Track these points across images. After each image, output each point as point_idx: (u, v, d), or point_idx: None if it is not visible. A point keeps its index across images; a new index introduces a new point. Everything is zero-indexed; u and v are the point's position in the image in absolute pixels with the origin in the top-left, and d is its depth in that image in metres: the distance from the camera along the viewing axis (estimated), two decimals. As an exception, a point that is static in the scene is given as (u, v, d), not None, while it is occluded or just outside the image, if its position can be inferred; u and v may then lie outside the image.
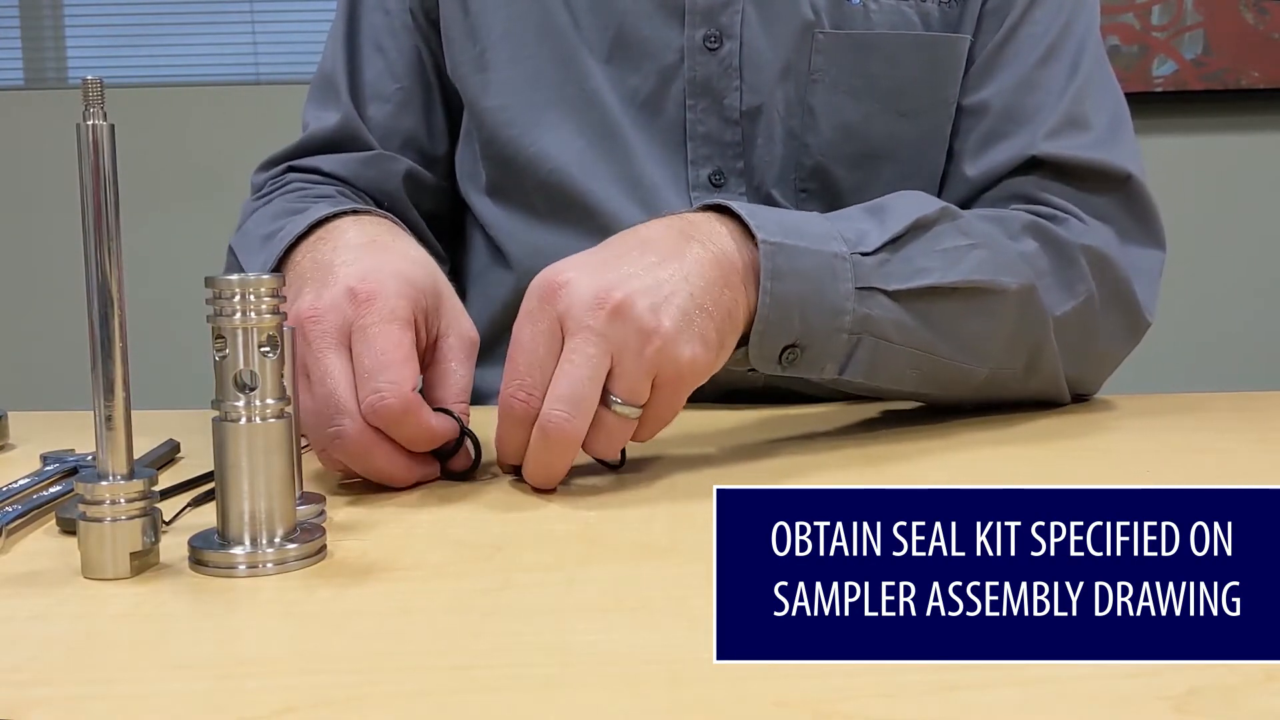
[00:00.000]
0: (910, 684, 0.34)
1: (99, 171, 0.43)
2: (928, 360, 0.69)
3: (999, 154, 0.80)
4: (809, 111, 0.80)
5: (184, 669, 0.36)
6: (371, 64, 0.88)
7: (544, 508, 0.55)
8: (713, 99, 0.80)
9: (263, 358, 0.45)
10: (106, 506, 0.44)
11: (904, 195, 0.73)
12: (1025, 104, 0.80)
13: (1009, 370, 0.73)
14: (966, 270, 0.69)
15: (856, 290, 0.65)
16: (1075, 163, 0.79)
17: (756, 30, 0.79)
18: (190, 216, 2.17)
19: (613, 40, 0.81)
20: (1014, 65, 0.81)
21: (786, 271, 0.63)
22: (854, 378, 0.67)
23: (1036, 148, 0.79)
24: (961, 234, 0.70)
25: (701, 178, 0.80)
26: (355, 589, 0.43)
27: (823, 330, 0.64)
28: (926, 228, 0.69)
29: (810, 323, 0.64)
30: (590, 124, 0.81)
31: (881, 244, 0.67)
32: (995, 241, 0.72)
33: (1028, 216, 0.76)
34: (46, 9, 2.27)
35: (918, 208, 0.70)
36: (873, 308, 0.65)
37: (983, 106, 0.81)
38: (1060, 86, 0.81)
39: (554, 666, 0.36)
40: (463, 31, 0.84)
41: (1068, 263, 0.74)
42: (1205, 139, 2.14)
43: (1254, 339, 2.15)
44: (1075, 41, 0.82)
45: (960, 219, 0.71)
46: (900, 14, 0.80)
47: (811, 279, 0.63)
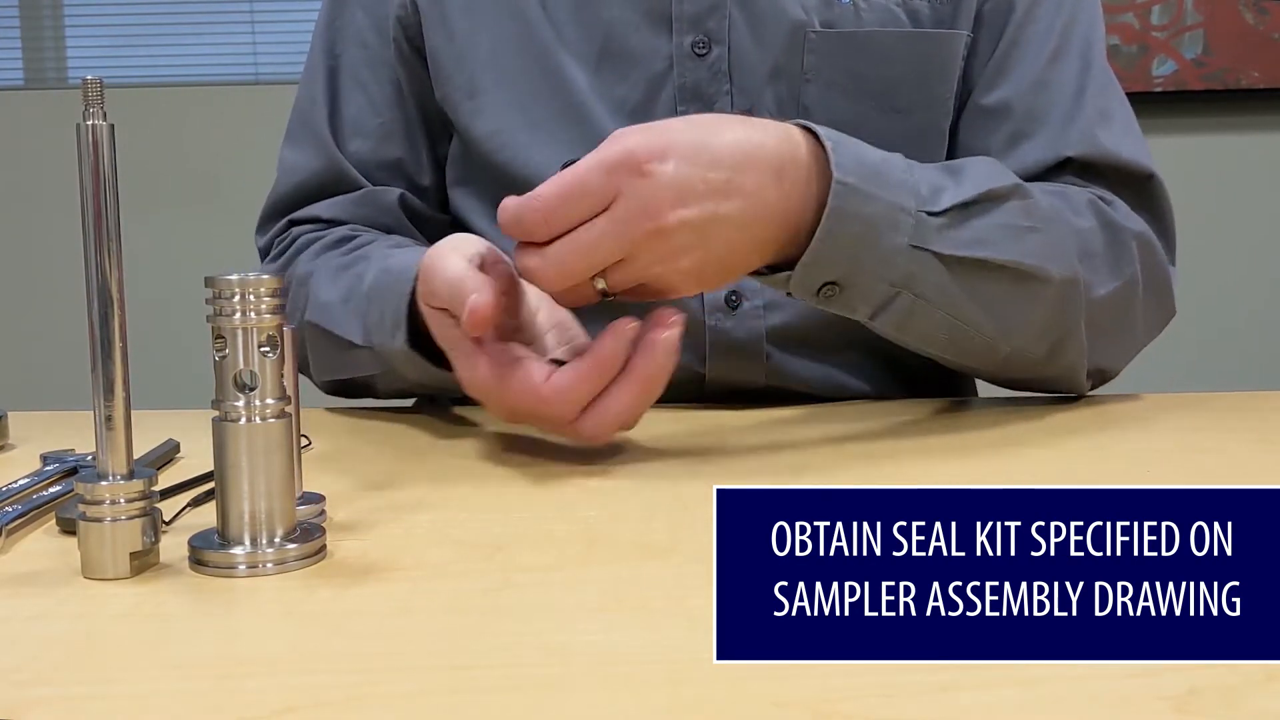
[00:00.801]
0: (910, 684, 0.34)
1: (99, 171, 0.43)
2: (958, 328, 0.69)
3: (1027, 155, 0.81)
4: (803, 111, 0.80)
5: (184, 669, 0.36)
6: (352, 100, 0.87)
7: (544, 508, 0.55)
8: (703, 104, 0.80)
9: (263, 358, 0.45)
10: (106, 506, 0.44)
11: (981, 161, 0.74)
12: (1040, 103, 0.81)
13: (1032, 354, 0.73)
14: (1022, 251, 0.69)
15: (910, 248, 0.65)
16: (1105, 161, 0.80)
17: (744, 34, 0.79)
18: (190, 217, 2.17)
19: (600, 52, 0.81)
20: (1026, 65, 0.82)
21: (851, 214, 0.63)
22: (884, 326, 0.68)
23: (1069, 147, 0.80)
24: (1026, 214, 0.71)
25: None
26: (355, 589, 0.43)
27: (868, 276, 0.65)
28: (998, 200, 0.69)
29: (857, 266, 0.64)
30: (581, 139, 0.81)
31: (951, 206, 0.67)
32: (1056, 226, 0.72)
33: (1090, 194, 0.77)
34: (46, 9, 2.27)
35: (994, 178, 0.70)
36: (920, 267, 0.66)
37: (1004, 107, 0.82)
38: (1075, 83, 0.81)
39: (554, 666, 0.36)
40: (450, 59, 0.84)
41: (1120, 244, 0.76)
42: (1205, 139, 2.14)
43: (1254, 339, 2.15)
44: (1081, 38, 0.83)
45: (1030, 199, 0.71)
46: (890, 12, 0.80)
47: (871, 225, 0.64)
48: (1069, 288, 0.72)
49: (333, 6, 0.89)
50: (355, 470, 0.62)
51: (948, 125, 0.83)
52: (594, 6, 0.81)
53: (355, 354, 0.77)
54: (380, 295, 0.72)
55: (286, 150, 0.90)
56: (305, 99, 0.89)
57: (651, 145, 0.59)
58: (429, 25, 0.84)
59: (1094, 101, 0.81)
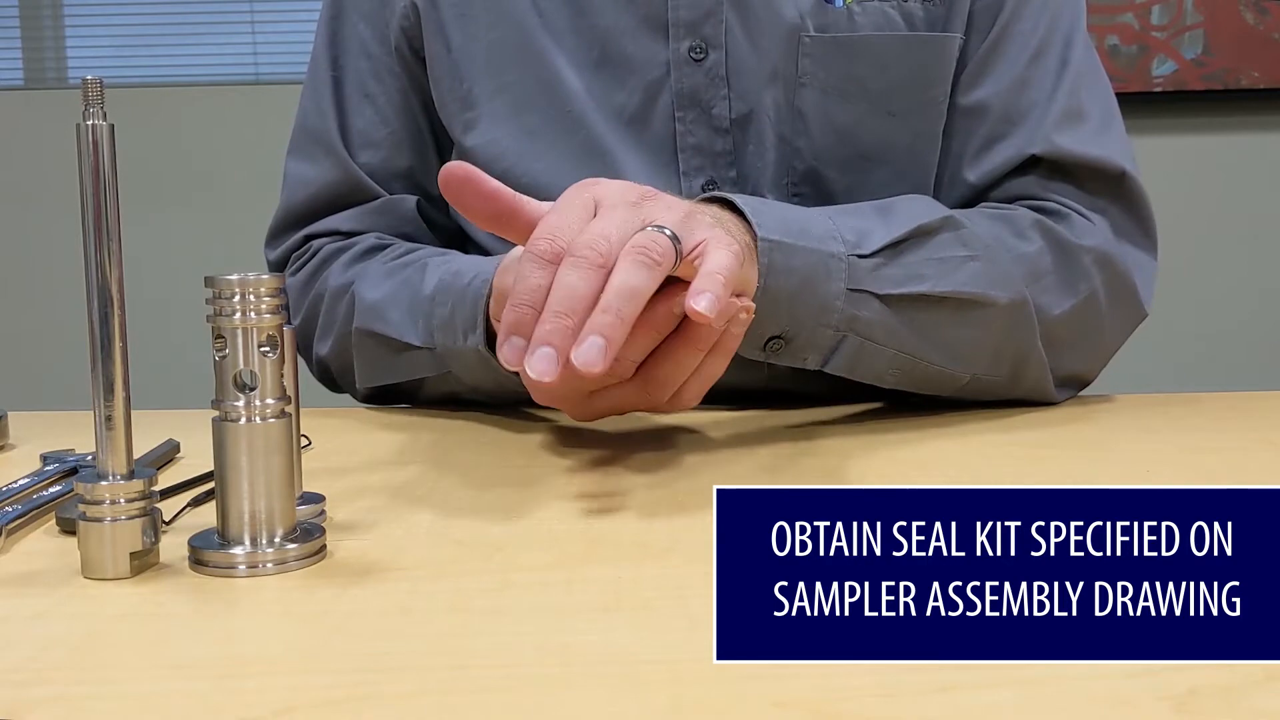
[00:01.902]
0: (910, 684, 0.34)
1: (99, 171, 0.43)
2: (910, 362, 0.71)
3: (998, 156, 0.81)
4: (799, 115, 0.80)
5: (184, 669, 0.36)
6: (360, 112, 0.87)
7: (544, 508, 0.55)
8: (701, 109, 0.80)
9: (263, 358, 0.45)
10: (106, 506, 0.44)
11: (912, 199, 0.74)
12: (1019, 103, 0.81)
13: (993, 377, 0.74)
14: (960, 281, 0.71)
15: (848, 291, 0.67)
16: (1072, 159, 0.80)
17: (740, 38, 0.79)
18: (190, 216, 2.17)
19: (596, 59, 0.81)
20: (1007, 64, 0.81)
21: (781, 268, 0.64)
22: (835, 370, 0.70)
23: (1035, 145, 0.79)
24: (961, 244, 0.72)
25: (695, 189, 0.80)
26: (355, 589, 0.43)
27: (809, 325, 0.66)
28: (928, 234, 0.71)
29: (798, 317, 0.66)
30: (579, 147, 0.81)
31: (881, 246, 0.68)
32: (995, 252, 0.73)
33: (1034, 215, 0.77)
34: (46, 9, 2.27)
35: (923, 213, 0.71)
36: (861, 309, 0.67)
37: (980, 108, 0.81)
38: (1051, 83, 0.81)
39: (554, 666, 0.36)
40: (446, 69, 0.84)
41: (1071, 262, 0.76)
42: (1205, 139, 2.14)
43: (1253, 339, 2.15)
44: (1062, 36, 0.82)
45: (963, 229, 0.72)
46: (884, 15, 0.80)
47: (805, 277, 0.65)
48: (1016, 311, 0.73)
49: (332, 19, 0.89)
50: (355, 470, 0.62)
51: (942, 129, 0.83)
52: (590, 14, 0.81)
53: (411, 356, 0.77)
54: (448, 297, 0.72)
55: (294, 163, 0.89)
56: (312, 112, 0.88)
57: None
58: (428, 34, 0.84)
59: (1067, 99, 0.81)
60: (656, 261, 0.54)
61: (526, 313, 0.53)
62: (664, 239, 0.55)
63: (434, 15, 0.84)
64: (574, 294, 0.52)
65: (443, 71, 0.84)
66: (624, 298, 0.52)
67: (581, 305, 0.52)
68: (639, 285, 0.53)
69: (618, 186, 0.59)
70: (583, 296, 0.52)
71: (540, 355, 0.51)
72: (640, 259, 0.54)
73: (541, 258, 0.54)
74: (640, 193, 0.59)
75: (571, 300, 0.52)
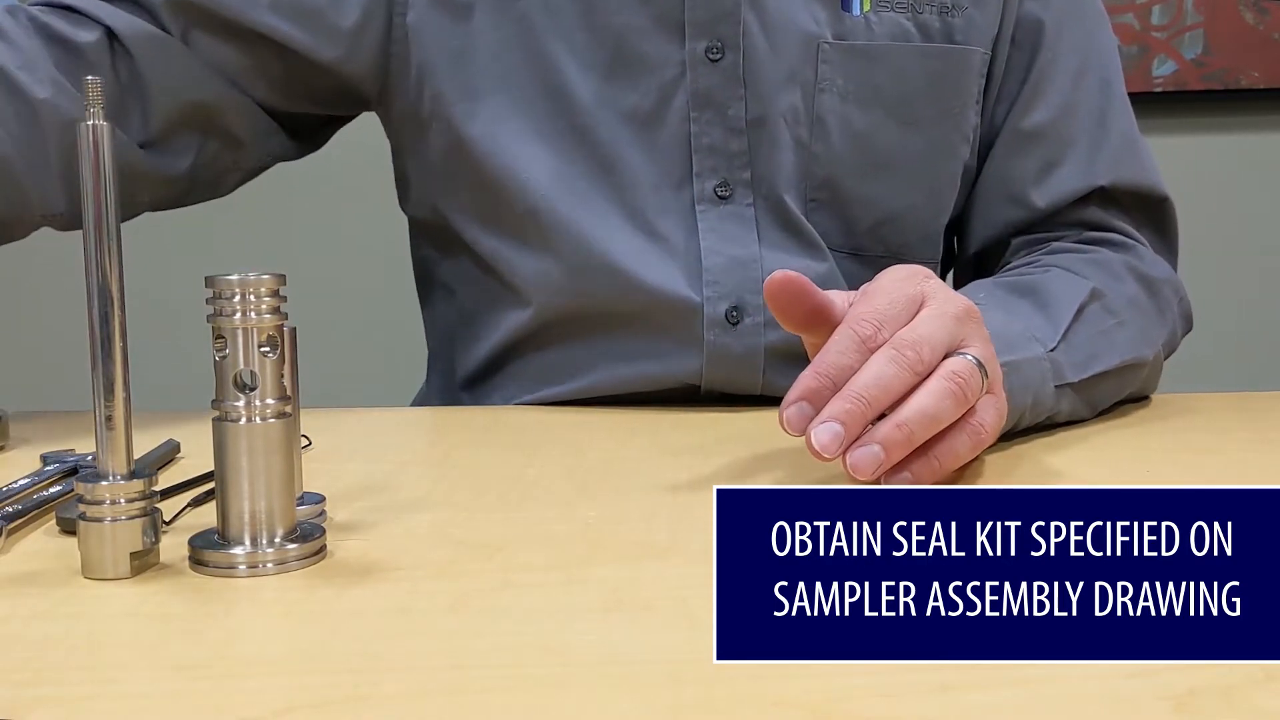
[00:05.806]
0: (910, 684, 0.34)
1: (99, 171, 0.43)
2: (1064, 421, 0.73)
3: (1064, 184, 0.83)
4: (818, 121, 0.80)
5: (184, 669, 0.36)
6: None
7: (544, 508, 0.55)
8: (716, 110, 0.79)
9: (263, 358, 0.45)
10: (106, 506, 0.44)
11: (1056, 277, 0.76)
12: (1071, 126, 0.84)
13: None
14: (1122, 351, 0.74)
15: (1055, 389, 0.68)
16: (1131, 189, 0.84)
17: (759, 40, 0.79)
18: (190, 216, 2.16)
19: (610, 60, 0.80)
20: (1056, 87, 0.84)
21: (1017, 389, 0.64)
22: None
23: (1100, 177, 0.83)
24: (1109, 313, 0.75)
25: (707, 190, 0.80)
26: (355, 589, 0.43)
27: (1025, 424, 0.67)
28: (1083, 312, 0.73)
29: (1023, 422, 0.67)
30: (579, 147, 0.80)
31: (1059, 338, 0.70)
32: (1130, 311, 0.77)
33: (1118, 257, 0.81)
34: (46, 9, 2.26)
35: (1075, 293, 0.73)
36: (1060, 400, 0.69)
37: (1038, 132, 0.84)
38: (1097, 104, 0.84)
39: (554, 666, 0.36)
40: (448, 58, 0.81)
41: (1158, 296, 0.80)
42: (1205, 139, 2.14)
43: (1253, 339, 2.14)
44: (1098, 53, 0.85)
45: (1105, 297, 0.75)
46: (900, 25, 0.81)
47: (1034, 391, 0.66)
48: (1157, 360, 0.78)
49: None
50: (355, 470, 0.62)
51: (960, 140, 0.84)
52: (602, 12, 0.80)
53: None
54: None
55: None
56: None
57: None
58: (423, 20, 0.81)
59: (1118, 125, 0.84)
60: (967, 399, 0.54)
61: (826, 384, 0.53)
62: (977, 376, 0.54)
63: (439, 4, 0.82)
64: (883, 384, 0.52)
65: (442, 60, 0.81)
66: (925, 424, 0.52)
67: (885, 398, 0.52)
68: (943, 417, 0.53)
69: (945, 294, 0.58)
70: (890, 390, 0.52)
71: (826, 429, 0.51)
72: (955, 390, 0.53)
73: (863, 341, 0.54)
74: (964, 306, 0.57)
75: (879, 389, 0.52)
